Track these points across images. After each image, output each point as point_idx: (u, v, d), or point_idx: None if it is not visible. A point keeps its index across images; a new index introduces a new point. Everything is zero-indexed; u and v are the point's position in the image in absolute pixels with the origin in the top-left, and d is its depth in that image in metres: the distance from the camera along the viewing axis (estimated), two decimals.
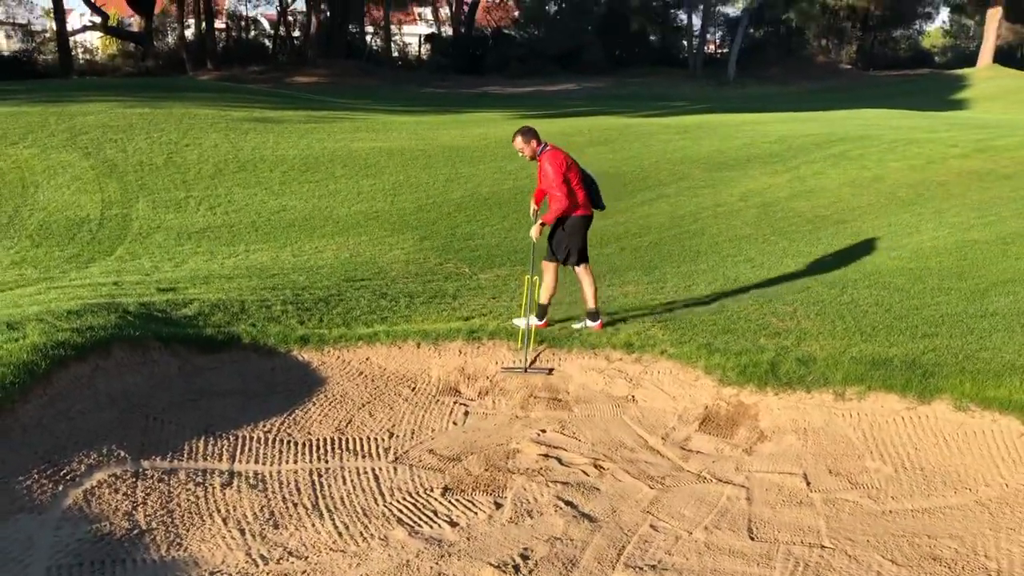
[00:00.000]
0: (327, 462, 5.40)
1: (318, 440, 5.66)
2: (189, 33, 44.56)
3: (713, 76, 47.94)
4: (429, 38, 54.82)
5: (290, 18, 47.84)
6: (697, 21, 52.93)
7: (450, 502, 4.92)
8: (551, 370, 6.78)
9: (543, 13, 51.96)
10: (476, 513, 4.80)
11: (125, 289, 8.08)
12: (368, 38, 52.73)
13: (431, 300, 8.44)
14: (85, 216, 12.16)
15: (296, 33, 47.92)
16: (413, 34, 58.48)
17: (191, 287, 8.36)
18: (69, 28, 41.44)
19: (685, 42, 54.92)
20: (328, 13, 44.97)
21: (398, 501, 4.91)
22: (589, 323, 7.34)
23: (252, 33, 49.10)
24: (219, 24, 46.15)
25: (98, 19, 43.47)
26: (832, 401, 5.92)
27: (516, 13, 54.77)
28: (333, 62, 41.46)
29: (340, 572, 4.21)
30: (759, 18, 50.33)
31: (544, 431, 5.93)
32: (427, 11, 56.94)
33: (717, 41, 59.16)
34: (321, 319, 7.45)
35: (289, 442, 5.60)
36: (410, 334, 7.15)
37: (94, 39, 46.79)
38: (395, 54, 52.32)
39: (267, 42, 48.23)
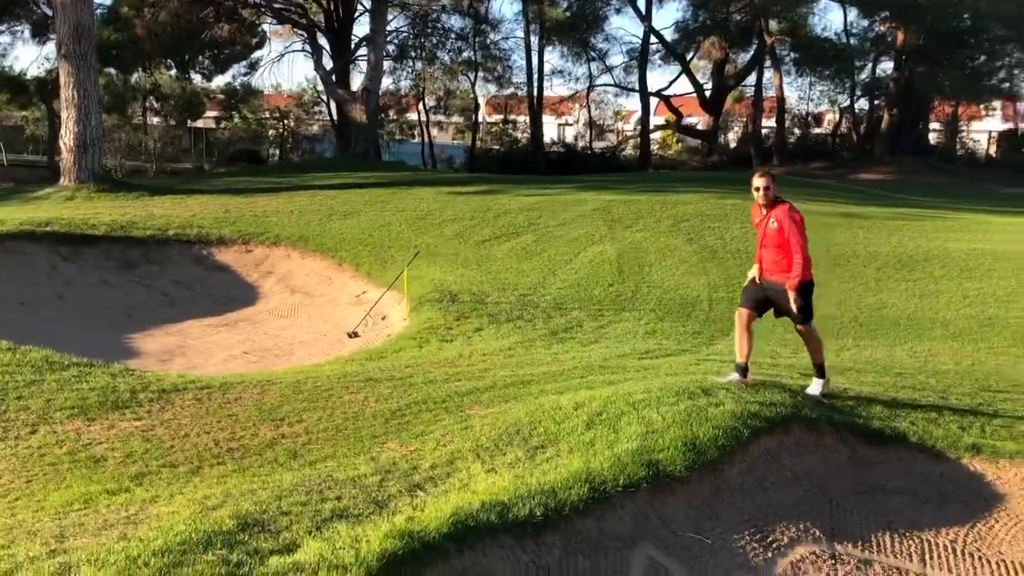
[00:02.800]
0: None
1: (1013, 563, 5.15)
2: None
3: None
4: (1004, 134, 49.78)
5: (851, 116, 47.42)
6: None
7: None
8: None
9: None
10: None
11: (764, 369, 8.41)
12: (932, 135, 49.80)
13: None
14: (695, 296, 13.14)
15: (861, 131, 47.25)
16: (982, 130, 53.73)
17: (832, 376, 8.39)
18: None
19: None
20: (897, 111, 43.53)
21: None
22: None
23: (816, 130, 49.74)
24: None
25: (672, 118, 47.83)
26: None
27: None
28: (900, 159, 39.78)
29: None
30: None
31: None
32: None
33: None
34: (982, 428, 6.88)
35: (981, 558, 5.19)
36: None
37: (658, 135, 51.49)
38: (960, 151, 48.49)
39: (829, 139, 48.38)
